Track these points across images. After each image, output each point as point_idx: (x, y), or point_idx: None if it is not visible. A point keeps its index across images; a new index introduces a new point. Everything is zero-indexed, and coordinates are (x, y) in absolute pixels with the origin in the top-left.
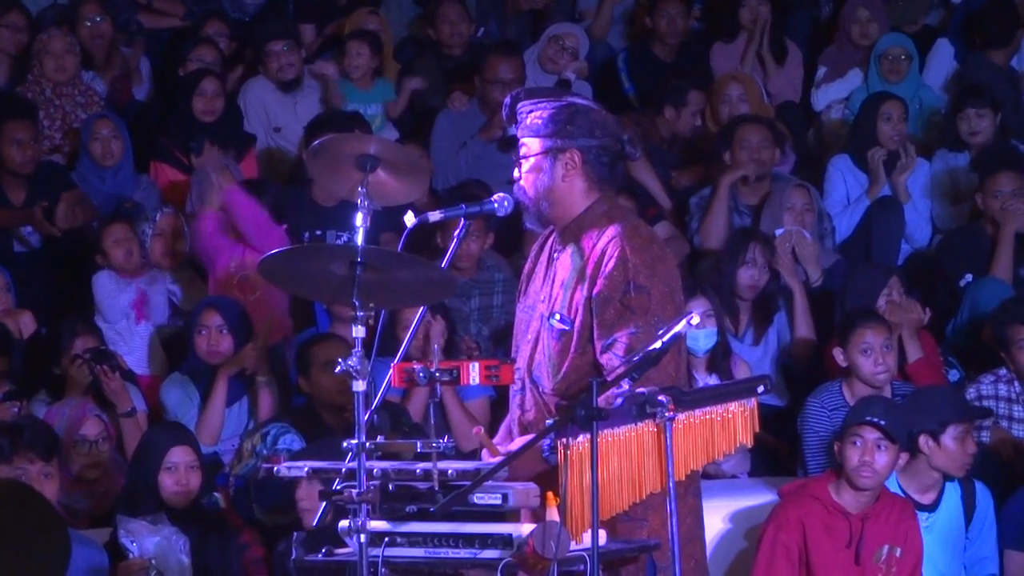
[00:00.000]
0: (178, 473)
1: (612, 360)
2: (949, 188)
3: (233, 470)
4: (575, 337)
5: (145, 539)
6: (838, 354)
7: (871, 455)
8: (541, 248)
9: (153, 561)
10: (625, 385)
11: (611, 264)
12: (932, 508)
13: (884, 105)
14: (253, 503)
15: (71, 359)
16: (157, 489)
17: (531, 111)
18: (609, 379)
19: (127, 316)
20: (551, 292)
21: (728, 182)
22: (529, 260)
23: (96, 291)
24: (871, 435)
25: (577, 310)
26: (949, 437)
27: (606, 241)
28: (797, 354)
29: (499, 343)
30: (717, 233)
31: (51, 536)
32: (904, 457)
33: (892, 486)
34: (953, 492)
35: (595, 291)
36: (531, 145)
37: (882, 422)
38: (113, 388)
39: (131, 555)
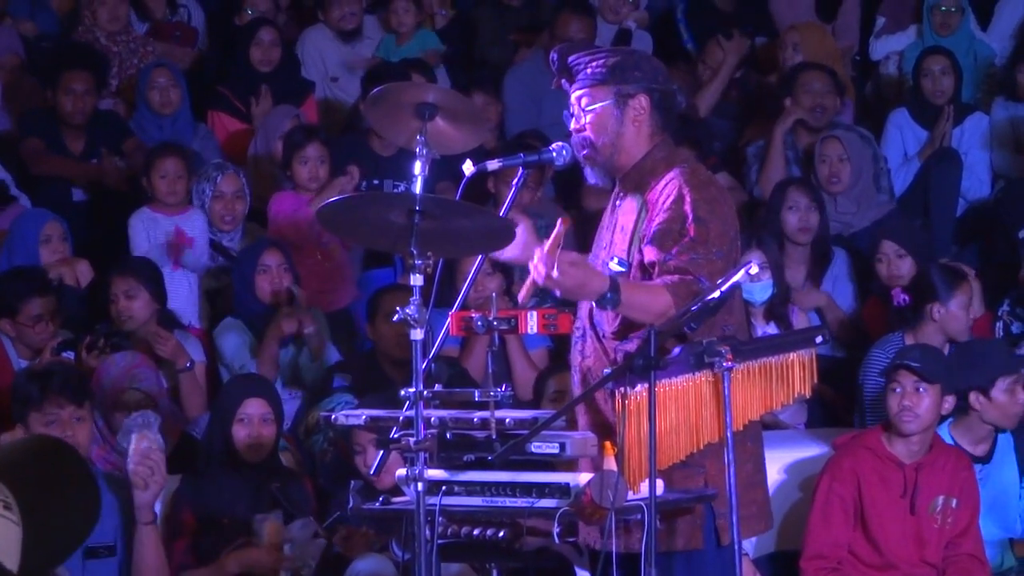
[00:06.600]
0: (251, 425)
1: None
2: (1011, 137)
3: (304, 441)
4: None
5: (128, 435)
6: (937, 310)
7: (911, 399)
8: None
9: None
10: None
11: (669, 200)
12: (985, 460)
13: (926, 60)
14: (320, 480)
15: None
16: (231, 441)
17: (589, 61)
18: (659, 326)
19: (160, 261)
20: (612, 238)
21: (783, 129)
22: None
23: (130, 230)
24: (908, 379)
25: (635, 253)
26: (998, 391)
27: (665, 183)
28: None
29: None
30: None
31: (83, 490)
32: (950, 400)
33: (945, 439)
34: (1006, 443)
35: (654, 226)
36: (596, 94)
37: (916, 365)
38: (168, 352)
39: (129, 460)
